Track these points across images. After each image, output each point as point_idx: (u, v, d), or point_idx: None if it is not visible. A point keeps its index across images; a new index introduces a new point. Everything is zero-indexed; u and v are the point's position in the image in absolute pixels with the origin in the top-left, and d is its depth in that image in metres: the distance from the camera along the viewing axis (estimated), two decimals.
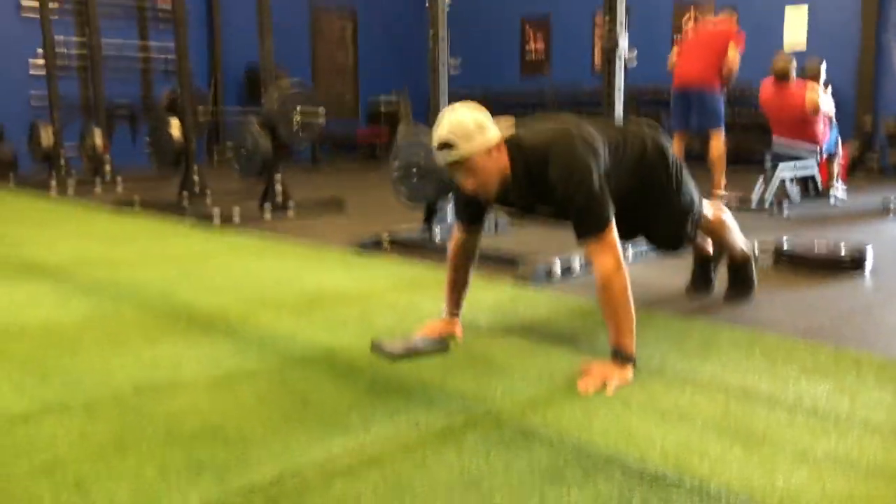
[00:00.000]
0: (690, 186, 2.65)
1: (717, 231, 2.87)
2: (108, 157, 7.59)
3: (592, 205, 2.18)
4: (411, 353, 2.31)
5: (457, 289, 2.55)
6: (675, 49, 6.40)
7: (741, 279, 3.03)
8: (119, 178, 7.62)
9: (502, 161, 2.23)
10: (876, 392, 2.01)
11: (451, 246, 2.55)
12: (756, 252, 3.06)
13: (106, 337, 2.55)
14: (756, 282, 3.05)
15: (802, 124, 5.93)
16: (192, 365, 2.27)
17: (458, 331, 2.50)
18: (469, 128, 2.15)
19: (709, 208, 2.79)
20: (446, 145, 2.16)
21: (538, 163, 2.23)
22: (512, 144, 2.25)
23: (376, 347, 2.36)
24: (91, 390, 2.06)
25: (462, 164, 2.17)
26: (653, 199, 2.58)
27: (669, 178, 2.55)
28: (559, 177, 2.19)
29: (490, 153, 2.19)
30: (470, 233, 2.51)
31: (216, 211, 5.36)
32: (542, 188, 2.25)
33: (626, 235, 2.66)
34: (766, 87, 6.16)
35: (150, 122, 6.89)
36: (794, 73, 5.97)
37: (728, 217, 2.88)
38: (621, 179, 2.42)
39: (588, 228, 2.19)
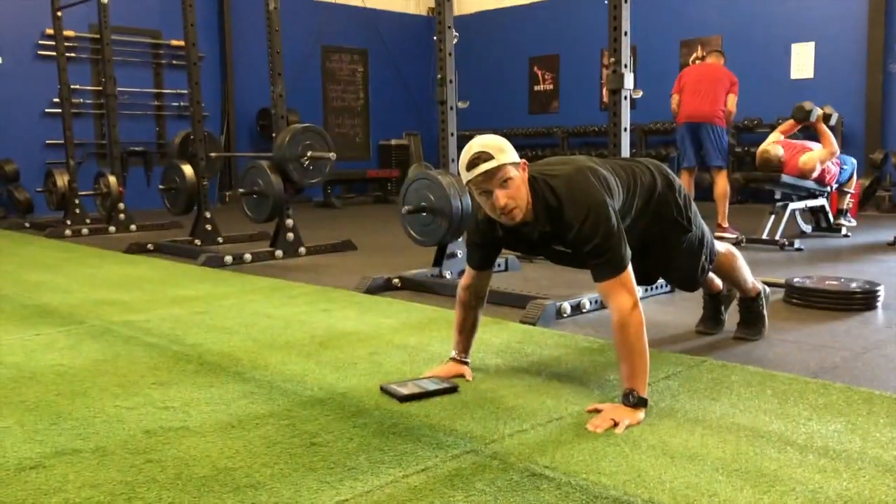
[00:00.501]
0: (701, 221, 2.67)
1: (726, 268, 2.87)
2: (122, 200, 7.68)
3: (610, 244, 2.18)
4: (420, 395, 2.31)
5: (465, 331, 2.56)
6: (675, 96, 6.46)
7: (752, 316, 3.02)
8: (133, 221, 7.70)
9: (525, 187, 2.25)
10: (888, 430, 1.99)
11: (460, 288, 2.56)
12: (766, 289, 3.05)
13: (117, 380, 2.57)
14: (767, 319, 3.04)
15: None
16: (202, 408, 2.27)
17: (468, 373, 2.50)
18: (501, 143, 2.22)
19: (719, 245, 2.80)
20: (481, 156, 2.18)
21: (554, 202, 2.25)
22: (532, 185, 2.27)
23: (385, 390, 2.37)
24: (102, 434, 2.07)
25: (496, 173, 2.17)
26: (667, 236, 2.60)
27: (681, 211, 2.57)
28: (576, 216, 2.20)
29: (519, 169, 2.23)
30: (480, 276, 2.52)
31: (228, 253, 5.41)
32: (558, 227, 2.27)
33: (643, 279, 2.68)
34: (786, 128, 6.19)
35: (163, 166, 6.98)
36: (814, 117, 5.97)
37: (737, 253, 2.89)
38: (635, 217, 2.44)
39: (606, 269, 2.20)
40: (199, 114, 6.31)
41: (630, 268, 2.21)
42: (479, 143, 2.22)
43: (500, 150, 2.20)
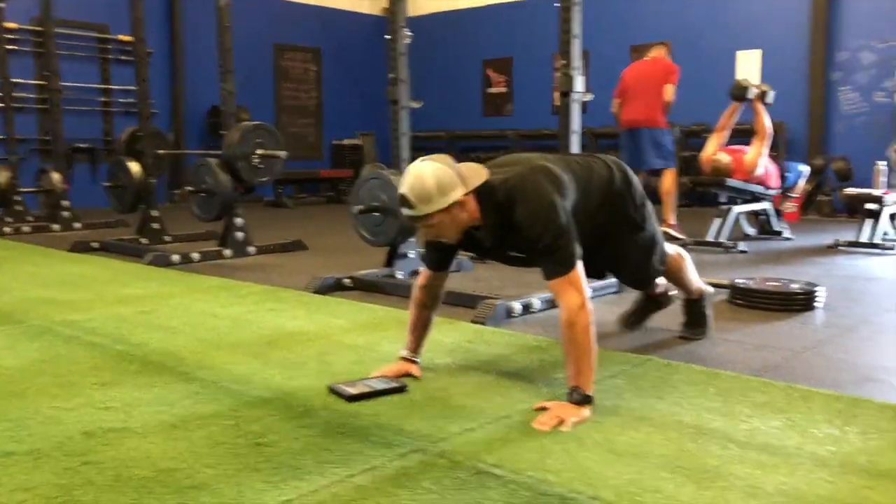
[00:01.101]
0: (655, 223, 2.71)
1: (674, 269, 2.90)
2: (66, 197, 7.50)
3: (560, 243, 2.20)
4: (368, 395, 2.30)
5: (417, 330, 2.55)
6: (616, 101, 6.49)
7: (696, 317, 3.07)
8: (78, 219, 7.52)
9: (464, 214, 2.25)
10: (824, 427, 2.05)
11: (416, 287, 2.55)
12: (710, 290, 3.11)
13: (56, 381, 2.50)
14: (711, 319, 3.09)
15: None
16: (144, 408, 2.23)
17: (416, 371, 2.50)
18: (429, 191, 2.17)
19: (668, 247, 2.85)
20: (404, 202, 2.21)
21: (507, 207, 2.25)
22: (483, 191, 2.26)
23: (333, 390, 2.35)
24: (38, 436, 2.01)
25: (417, 220, 2.24)
26: (622, 232, 2.63)
27: (636, 209, 2.60)
28: (525, 217, 2.22)
29: (449, 211, 2.21)
30: (437, 276, 2.52)
31: (175, 252, 5.31)
32: (511, 232, 2.28)
33: (595, 273, 2.71)
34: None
35: (109, 163, 6.83)
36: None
37: (685, 256, 2.93)
38: (590, 212, 2.46)
39: (555, 267, 2.21)
40: (147, 110, 6.19)
41: (580, 266, 2.23)
42: (409, 184, 2.20)
43: (426, 199, 2.17)
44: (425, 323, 2.56)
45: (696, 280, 3.00)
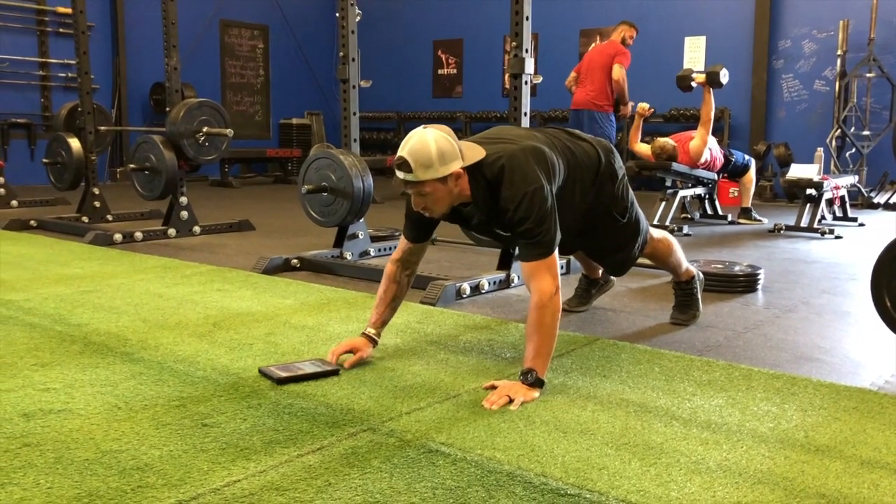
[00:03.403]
0: (638, 209, 2.73)
1: (663, 253, 2.92)
2: (1, 174, 7.24)
3: (542, 228, 2.20)
4: (298, 378, 2.27)
5: (382, 304, 2.51)
6: (573, 74, 6.68)
7: (686, 299, 3.09)
8: (14, 197, 7.28)
9: (458, 188, 2.24)
10: (764, 404, 2.11)
11: (389, 261, 2.53)
12: (700, 274, 3.14)
13: None
14: (700, 302, 3.11)
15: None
16: (87, 389, 2.18)
17: (366, 352, 2.46)
18: (431, 157, 2.15)
19: (656, 232, 2.87)
20: (402, 165, 2.17)
21: (495, 185, 2.25)
22: (476, 168, 2.25)
23: (263, 372, 2.32)
24: None
25: (413, 186, 2.20)
26: (606, 217, 2.64)
27: (621, 193, 2.62)
28: (510, 199, 2.21)
29: (446, 182, 2.20)
30: (414, 249, 2.51)
31: (118, 231, 5.19)
32: (495, 209, 2.28)
33: (565, 251, 2.72)
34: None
35: (48, 139, 6.61)
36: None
37: (672, 240, 2.95)
38: (576, 195, 2.47)
39: (534, 250, 2.21)
40: (87, 85, 6.00)
41: (556, 253, 2.24)
42: (411, 147, 2.17)
43: (426, 165, 2.15)
44: (392, 297, 2.51)
45: (685, 263, 3.02)
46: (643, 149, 6.33)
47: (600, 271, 3.19)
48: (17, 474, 1.63)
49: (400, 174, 2.19)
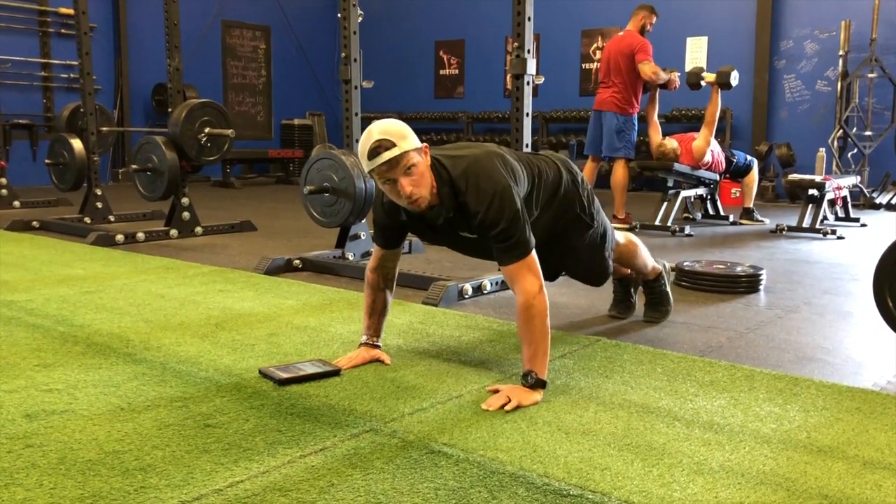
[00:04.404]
0: (603, 216, 2.71)
1: (627, 256, 2.91)
2: (4, 175, 7.25)
3: (516, 229, 2.17)
4: (300, 379, 2.26)
5: (375, 314, 2.50)
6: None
7: (656, 296, 3.09)
8: (17, 198, 7.29)
9: (429, 173, 2.19)
10: (766, 405, 2.11)
11: (368, 270, 2.51)
12: (666, 265, 3.14)
13: None
14: (671, 296, 3.12)
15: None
16: (89, 390, 2.18)
17: (385, 357, 2.46)
18: (401, 128, 2.14)
19: (618, 235, 2.86)
20: (383, 143, 2.09)
21: (461, 185, 2.20)
22: (439, 164, 2.22)
23: (264, 373, 2.32)
24: None
25: (399, 161, 2.10)
26: (570, 231, 2.61)
27: (584, 207, 2.59)
28: (480, 201, 2.17)
29: (422, 154, 2.17)
30: (388, 256, 2.47)
31: (120, 232, 5.19)
32: (463, 212, 2.23)
33: (548, 274, 2.62)
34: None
35: (50, 140, 6.63)
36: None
37: (636, 240, 2.95)
38: (540, 212, 2.44)
39: (511, 253, 2.18)
40: (89, 86, 6.01)
41: (534, 252, 2.22)
42: (380, 129, 2.13)
43: (402, 136, 2.12)
44: (382, 305, 2.51)
45: (650, 262, 3.02)
46: (667, 146, 6.17)
47: (627, 269, 3.13)
48: (20, 475, 1.63)
49: (382, 157, 2.08)
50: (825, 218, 6.08)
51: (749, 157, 6.70)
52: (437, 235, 2.46)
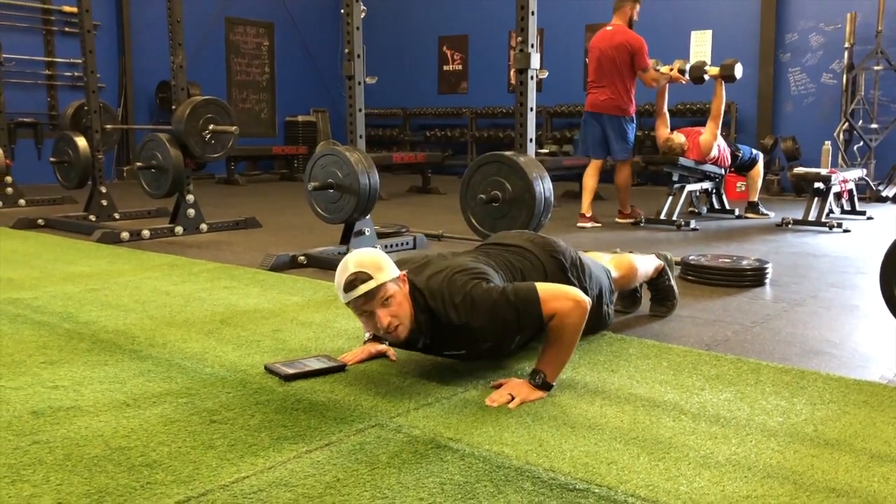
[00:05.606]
0: (595, 271, 2.63)
1: (627, 282, 2.90)
2: (9, 173, 7.27)
3: (521, 305, 2.09)
4: (306, 374, 2.27)
5: None
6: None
7: (661, 292, 3.07)
8: (22, 196, 7.31)
9: (407, 301, 2.14)
10: (772, 398, 2.10)
11: None
12: (668, 255, 3.12)
13: (1, 360, 2.43)
14: (677, 291, 3.10)
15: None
16: (95, 387, 2.18)
17: (391, 353, 2.45)
18: (376, 260, 2.11)
19: (613, 270, 2.79)
20: (359, 276, 2.06)
21: (437, 307, 2.16)
22: (413, 286, 2.19)
23: (269, 369, 2.32)
24: None
25: (376, 294, 2.06)
26: None
27: (574, 278, 2.49)
28: (458, 316, 2.12)
29: (399, 283, 2.13)
30: None
31: (125, 229, 5.20)
32: (443, 333, 2.19)
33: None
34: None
35: (55, 138, 6.64)
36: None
37: (628, 262, 2.89)
38: None
39: (527, 321, 2.11)
40: (93, 84, 6.02)
41: (538, 284, 2.15)
42: (355, 261, 2.09)
43: (378, 268, 2.08)
44: None
45: (651, 269, 2.99)
46: (674, 140, 6.09)
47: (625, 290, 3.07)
48: (27, 471, 1.64)
49: (359, 290, 2.05)
50: (831, 211, 6.05)
51: (754, 151, 6.67)
52: (422, 352, 2.38)
